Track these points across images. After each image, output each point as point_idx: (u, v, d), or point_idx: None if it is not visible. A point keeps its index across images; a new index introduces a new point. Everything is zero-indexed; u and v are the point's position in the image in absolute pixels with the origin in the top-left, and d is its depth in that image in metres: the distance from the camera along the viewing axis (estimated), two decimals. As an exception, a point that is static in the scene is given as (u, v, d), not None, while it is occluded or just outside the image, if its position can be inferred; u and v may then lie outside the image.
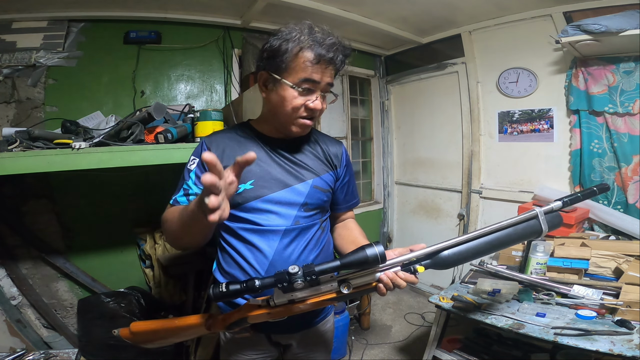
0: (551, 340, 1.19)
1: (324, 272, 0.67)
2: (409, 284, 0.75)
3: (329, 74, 0.85)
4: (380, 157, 3.39)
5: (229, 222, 0.90)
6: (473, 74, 2.59)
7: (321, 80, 0.83)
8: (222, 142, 0.92)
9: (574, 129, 2.07)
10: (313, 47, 0.80)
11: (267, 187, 0.88)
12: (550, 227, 0.79)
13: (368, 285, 0.73)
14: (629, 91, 1.85)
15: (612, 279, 1.51)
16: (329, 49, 0.81)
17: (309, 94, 0.84)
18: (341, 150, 1.03)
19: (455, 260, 0.74)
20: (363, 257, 0.66)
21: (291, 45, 0.81)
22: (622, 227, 1.87)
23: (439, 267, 0.76)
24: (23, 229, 1.82)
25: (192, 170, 0.90)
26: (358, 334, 2.43)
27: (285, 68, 0.82)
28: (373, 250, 0.66)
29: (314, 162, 0.96)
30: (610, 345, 1.12)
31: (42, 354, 1.57)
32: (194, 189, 0.88)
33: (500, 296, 1.49)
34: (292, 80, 0.82)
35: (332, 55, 0.82)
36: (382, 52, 3.18)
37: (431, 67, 2.87)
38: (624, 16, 1.68)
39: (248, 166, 0.83)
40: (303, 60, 0.81)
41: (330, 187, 0.97)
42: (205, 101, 2.34)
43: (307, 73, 0.82)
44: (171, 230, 0.81)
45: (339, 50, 0.83)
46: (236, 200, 0.88)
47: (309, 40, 0.80)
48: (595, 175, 2.01)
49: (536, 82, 2.26)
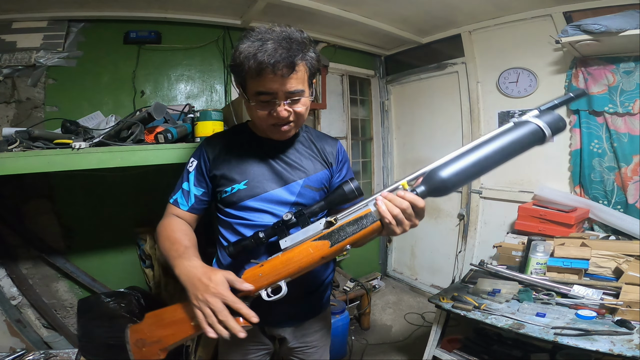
0: (551, 340, 1.19)
1: (312, 212, 0.79)
2: (416, 208, 0.68)
3: (282, 79, 0.76)
4: (380, 157, 3.39)
5: (226, 217, 0.95)
6: (473, 74, 2.59)
7: (274, 89, 0.78)
8: (218, 145, 0.96)
9: (574, 129, 2.07)
10: (254, 57, 0.74)
11: (259, 187, 0.91)
12: (553, 129, 0.69)
13: (367, 223, 0.71)
14: (629, 91, 1.85)
15: (612, 279, 1.51)
16: (267, 54, 0.73)
17: (269, 105, 0.81)
18: (336, 147, 1.04)
19: (455, 181, 0.67)
20: (341, 192, 0.77)
21: (237, 58, 0.77)
22: (622, 227, 1.87)
23: (439, 192, 0.69)
24: (23, 229, 1.82)
25: (190, 172, 0.94)
26: (358, 334, 2.43)
27: (243, 82, 0.82)
28: (349, 185, 0.76)
29: (308, 161, 0.97)
30: (610, 345, 1.12)
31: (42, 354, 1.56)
32: (193, 190, 0.93)
33: (500, 296, 1.49)
34: (249, 95, 0.82)
35: (273, 61, 0.73)
36: (382, 52, 3.17)
37: (431, 67, 2.87)
38: (624, 16, 1.68)
39: (242, 167, 0.92)
40: (250, 73, 0.76)
41: (324, 185, 0.99)
42: (205, 101, 2.33)
43: (258, 86, 0.78)
44: (161, 246, 0.87)
45: (281, 52, 0.74)
46: (231, 199, 0.92)
47: (249, 49, 0.75)
48: (595, 175, 2.01)
49: (536, 82, 2.26)
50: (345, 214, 0.75)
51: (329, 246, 0.73)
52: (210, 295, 0.70)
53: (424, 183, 0.71)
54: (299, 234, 0.78)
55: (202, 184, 0.94)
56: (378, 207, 0.69)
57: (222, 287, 0.70)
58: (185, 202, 0.93)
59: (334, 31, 2.65)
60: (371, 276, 3.06)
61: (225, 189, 0.92)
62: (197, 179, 0.94)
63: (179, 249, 0.82)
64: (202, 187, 0.95)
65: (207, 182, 0.95)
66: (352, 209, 0.75)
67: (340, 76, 3.03)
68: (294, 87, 0.79)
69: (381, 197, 0.70)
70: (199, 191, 0.94)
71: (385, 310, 2.79)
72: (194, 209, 0.95)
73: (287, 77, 0.77)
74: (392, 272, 3.40)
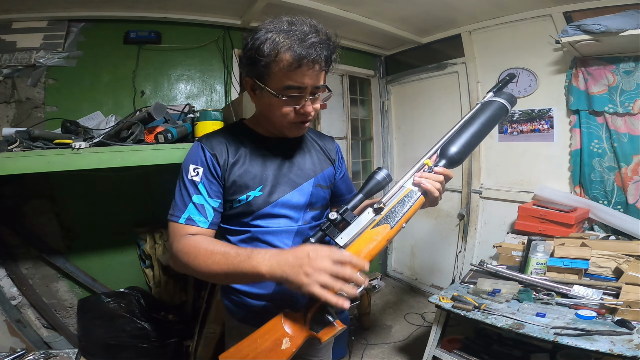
0: (551, 340, 1.19)
1: (354, 205, 0.76)
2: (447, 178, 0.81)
3: (315, 75, 0.76)
4: (380, 157, 3.39)
5: (238, 227, 0.88)
6: (473, 74, 2.59)
7: (307, 84, 0.76)
8: (223, 146, 0.86)
9: (574, 129, 2.07)
10: (292, 49, 0.71)
11: (274, 193, 0.86)
12: (512, 103, 0.91)
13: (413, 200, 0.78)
14: (629, 91, 1.85)
15: (612, 279, 1.51)
16: (309, 49, 0.71)
17: (296, 100, 0.78)
18: (334, 145, 1.04)
19: (464, 152, 0.82)
20: (375, 181, 0.78)
21: (268, 49, 0.72)
22: (622, 227, 1.87)
23: (454, 163, 0.83)
24: (23, 229, 1.82)
25: (199, 182, 0.82)
26: (358, 334, 2.43)
27: (266, 74, 0.76)
28: (381, 174, 0.78)
29: (313, 159, 0.95)
30: (610, 345, 1.12)
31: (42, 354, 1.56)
32: (210, 202, 0.82)
33: (500, 296, 1.49)
34: (275, 88, 0.76)
35: (315, 56, 0.72)
36: (382, 52, 3.18)
37: (431, 67, 2.87)
38: (624, 16, 1.68)
39: (254, 171, 0.86)
40: (282, 64, 0.72)
41: (330, 182, 0.99)
42: (205, 101, 2.33)
43: (289, 79, 0.74)
44: (208, 267, 0.73)
45: (322, 48, 0.74)
46: (248, 208, 0.85)
47: (286, 41, 0.71)
48: (595, 175, 2.01)
49: (536, 82, 2.26)
50: (387, 198, 0.78)
51: (389, 228, 0.75)
52: (335, 267, 0.63)
53: (440, 158, 0.83)
54: (351, 228, 0.75)
55: (217, 193, 0.84)
56: (423, 185, 0.77)
57: (342, 254, 0.65)
58: (204, 218, 0.81)
59: (334, 31, 2.64)
60: (371, 276, 3.07)
61: (239, 197, 0.84)
62: (211, 189, 0.83)
63: (240, 252, 0.72)
64: (218, 196, 0.84)
65: (221, 190, 0.85)
66: (387, 194, 0.80)
67: (340, 76, 3.03)
68: (321, 82, 0.79)
69: (420, 176, 0.78)
70: (216, 202, 0.83)
71: (385, 310, 2.79)
72: (214, 225, 0.83)
73: (319, 71, 0.76)
74: (392, 272, 3.40)
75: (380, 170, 0.79)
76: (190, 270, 0.77)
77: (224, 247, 0.76)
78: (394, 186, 0.81)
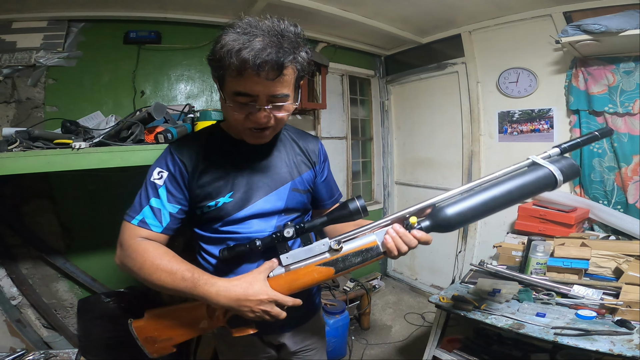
0: (551, 340, 1.19)
1: (312, 226, 0.76)
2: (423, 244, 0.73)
3: (269, 83, 0.69)
4: (380, 157, 3.39)
5: (209, 233, 0.87)
6: (473, 74, 2.59)
7: (256, 91, 0.70)
8: (193, 152, 0.84)
9: (574, 129, 2.07)
10: (238, 54, 0.65)
11: (246, 198, 0.84)
12: (566, 176, 0.68)
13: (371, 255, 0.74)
14: (629, 91, 1.85)
15: (612, 279, 1.51)
16: (257, 54, 0.64)
17: (247, 107, 0.73)
18: (318, 146, 0.99)
19: (460, 221, 0.69)
20: (346, 211, 0.73)
21: (219, 52, 0.67)
22: (622, 227, 1.86)
23: (442, 228, 0.71)
24: (23, 229, 1.82)
25: (160, 186, 0.81)
26: (358, 334, 2.43)
27: (222, 78, 0.72)
28: (354, 204, 0.73)
29: (291, 163, 0.91)
30: (610, 345, 1.12)
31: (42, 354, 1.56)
32: (167, 207, 0.80)
33: (500, 296, 1.49)
34: (226, 93, 0.73)
35: (260, 62, 0.64)
36: (382, 52, 3.18)
37: (431, 67, 2.87)
38: (624, 16, 1.68)
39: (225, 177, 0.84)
40: (230, 70, 0.67)
41: (309, 186, 0.95)
42: (205, 101, 2.33)
43: (238, 85, 0.70)
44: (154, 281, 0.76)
45: (271, 53, 0.65)
46: (217, 214, 0.84)
47: (234, 44, 0.65)
48: (596, 175, 2.01)
49: (536, 82, 2.26)
50: (349, 238, 0.76)
51: (333, 273, 0.75)
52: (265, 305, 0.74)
53: (429, 218, 0.73)
54: (300, 252, 0.76)
55: (178, 199, 0.82)
56: (386, 244, 0.72)
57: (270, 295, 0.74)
58: (158, 223, 0.80)
59: (334, 31, 2.65)
60: (371, 276, 3.06)
61: (208, 203, 0.82)
62: (171, 194, 0.81)
63: (186, 276, 0.73)
64: (179, 202, 0.82)
65: (185, 196, 0.83)
66: (355, 233, 0.76)
67: (340, 76, 3.03)
68: (279, 91, 0.71)
69: (391, 233, 0.73)
70: (174, 208, 0.81)
71: (385, 310, 2.79)
72: (169, 230, 0.82)
73: (273, 80, 0.68)
74: (392, 272, 3.40)
75: (356, 200, 0.74)
76: (136, 277, 0.79)
77: (170, 263, 0.76)
78: (365, 226, 0.76)
